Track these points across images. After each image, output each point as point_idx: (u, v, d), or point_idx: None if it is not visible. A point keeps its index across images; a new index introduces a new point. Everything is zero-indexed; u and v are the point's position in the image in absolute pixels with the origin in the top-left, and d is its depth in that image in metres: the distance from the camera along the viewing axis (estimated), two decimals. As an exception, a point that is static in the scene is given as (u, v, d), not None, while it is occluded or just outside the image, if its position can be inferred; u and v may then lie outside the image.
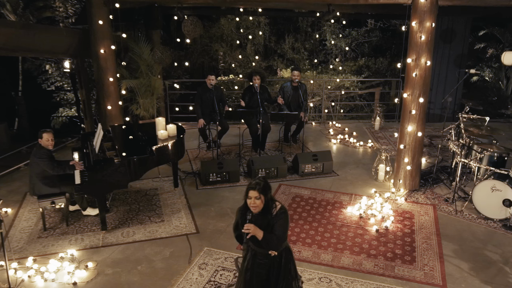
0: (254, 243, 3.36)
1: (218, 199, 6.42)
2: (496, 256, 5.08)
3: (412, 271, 4.78)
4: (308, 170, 7.18)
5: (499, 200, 5.65)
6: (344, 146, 8.54)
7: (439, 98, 9.76)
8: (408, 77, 6.11)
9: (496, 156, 6.09)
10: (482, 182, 5.79)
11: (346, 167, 7.53)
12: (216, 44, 12.18)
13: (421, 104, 6.08)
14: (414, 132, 6.21)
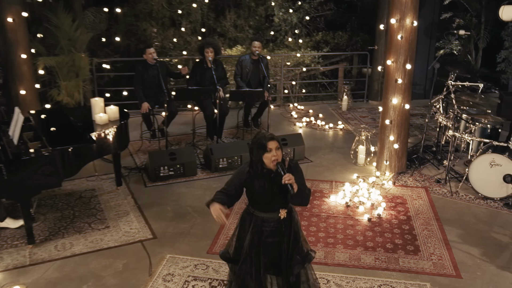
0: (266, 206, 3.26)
1: (174, 196, 5.90)
2: (505, 238, 5.02)
3: (419, 262, 4.58)
4: (277, 157, 6.81)
5: (499, 176, 5.63)
6: (311, 129, 8.31)
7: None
8: (391, 40, 5.95)
9: (489, 128, 6.09)
10: (479, 158, 5.75)
11: (318, 152, 7.29)
12: (144, 23, 11.34)
13: (408, 71, 5.93)
14: (400, 104, 6.06)
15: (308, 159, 7.04)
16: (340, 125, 8.40)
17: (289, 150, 6.87)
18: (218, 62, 7.30)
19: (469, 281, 4.31)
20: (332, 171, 6.63)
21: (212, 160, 6.49)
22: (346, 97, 9.32)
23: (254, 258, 3.31)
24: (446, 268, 4.49)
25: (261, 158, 3.14)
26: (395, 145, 6.15)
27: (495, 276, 4.39)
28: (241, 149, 6.66)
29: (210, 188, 6.10)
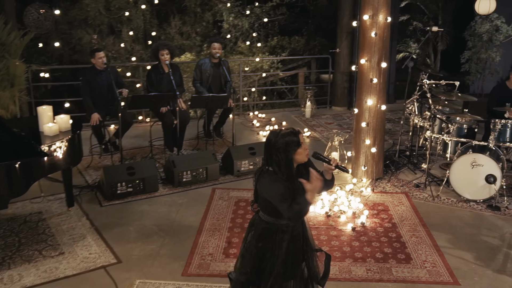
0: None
1: (135, 215, 5.58)
2: (495, 240, 5.08)
3: (413, 271, 4.52)
4: (245, 167, 6.65)
5: (481, 177, 5.72)
6: (276, 138, 8.17)
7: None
8: (364, 38, 5.96)
9: (466, 127, 6.21)
10: (460, 159, 5.82)
11: (288, 161, 7.15)
12: (80, 31, 10.83)
13: (383, 70, 5.95)
14: (375, 106, 6.06)
15: (278, 168, 6.88)
16: (306, 133, 8.34)
17: (258, 159, 6.70)
18: (175, 66, 7.06)
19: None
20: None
21: (175, 174, 6.21)
22: (309, 103, 9.31)
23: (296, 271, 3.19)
24: (442, 275, 4.46)
25: (293, 156, 3.00)
26: (373, 149, 6.14)
27: (493, 280, 4.39)
28: (206, 160, 6.43)
29: (175, 204, 5.82)
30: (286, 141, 2.98)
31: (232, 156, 6.56)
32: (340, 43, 9.52)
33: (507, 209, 5.70)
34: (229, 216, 5.54)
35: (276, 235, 3.17)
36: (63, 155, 5.02)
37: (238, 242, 4.97)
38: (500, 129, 5.82)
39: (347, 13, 9.36)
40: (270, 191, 3.05)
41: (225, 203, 5.85)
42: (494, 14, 8.63)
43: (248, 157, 6.66)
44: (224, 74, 7.29)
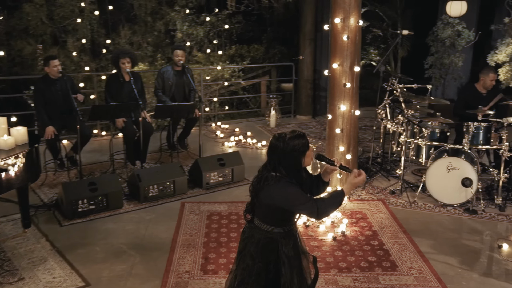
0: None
1: (100, 234, 5.34)
2: (477, 244, 5.17)
3: (401, 278, 4.52)
4: (214, 180, 6.52)
5: (458, 180, 5.84)
6: (243, 148, 8.13)
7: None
8: (336, 42, 6.00)
9: (438, 131, 6.34)
10: (435, 163, 5.93)
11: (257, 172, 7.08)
12: (20, 42, 10.39)
13: (356, 74, 6.01)
14: (349, 111, 6.09)
15: (249, 179, 6.81)
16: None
17: (227, 171, 6.60)
18: (136, 74, 6.88)
19: (457, 293, 4.32)
20: (279, 190, 6.45)
21: (141, 188, 6.01)
22: (274, 112, 9.31)
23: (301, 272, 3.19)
24: (430, 282, 4.48)
25: (303, 159, 3.00)
26: (348, 155, 6.15)
27: (481, 284, 4.45)
28: (173, 173, 6.26)
29: (143, 220, 5.62)
30: (296, 144, 2.96)
31: (201, 168, 6.42)
32: (303, 50, 9.59)
33: (484, 212, 5.84)
34: (202, 231, 5.39)
35: (279, 244, 3.12)
36: (20, 171, 4.74)
37: (216, 257, 4.84)
38: (474, 132, 5.97)
39: (309, 20, 9.46)
40: (285, 196, 2.97)
41: (197, 218, 5.70)
42: (456, 20, 8.94)
43: (217, 169, 6.54)
44: (188, 82, 7.17)
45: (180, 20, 12.32)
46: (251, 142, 8.38)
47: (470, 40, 9.05)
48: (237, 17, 13.34)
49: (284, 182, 2.98)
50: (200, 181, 6.45)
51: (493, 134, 6.09)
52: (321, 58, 9.88)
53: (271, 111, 9.33)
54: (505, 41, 9.15)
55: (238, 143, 8.38)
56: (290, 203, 2.99)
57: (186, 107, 6.76)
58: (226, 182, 6.61)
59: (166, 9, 12.09)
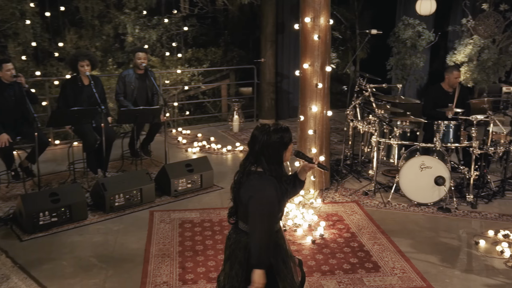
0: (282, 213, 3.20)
1: (66, 248, 5.17)
2: (455, 241, 5.34)
3: (385, 279, 4.60)
4: (182, 186, 6.45)
5: (431, 179, 6.02)
6: (208, 154, 8.06)
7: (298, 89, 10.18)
8: (306, 42, 6.08)
9: (408, 131, 6.51)
10: (408, 162, 6.09)
11: (226, 177, 7.08)
12: None
13: (327, 74, 6.10)
14: (321, 112, 6.18)
15: (218, 185, 6.78)
16: (239, 147, 8.30)
17: (196, 177, 6.54)
18: (96, 78, 6.72)
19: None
20: (250, 195, 6.46)
21: (106, 198, 5.85)
22: (237, 116, 9.30)
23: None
24: (414, 281, 4.58)
25: (284, 153, 3.00)
26: (321, 157, 6.22)
27: (464, 280, 4.59)
28: (140, 180, 6.14)
29: (111, 232, 5.48)
30: (280, 137, 2.95)
31: (169, 174, 6.33)
32: (264, 52, 9.65)
33: (457, 210, 6.04)
34: (176, 240, 5.31)
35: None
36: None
37: (194, 266, 4.79)
38: (444, 131, 6.17)
39: (270, 22, 9.53)
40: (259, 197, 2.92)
41: (169, 226, 5.61)
42: (416, 20, 9.25)
43: (186, 175, 6.47)
44: (151, 86, 7.07)
45: (130, 23, 12.12)
46: (216, 148, 8.34)
47: (430, 40, 9.36)
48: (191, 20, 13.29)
49: (266, 180, 2.95)
50: (168, 188, 6.36)
51: (462, 132, 6.31)
52: (283, 60, 9.97)
53: (234, 115, 9.32)
54: (463, 42, 9.54)
55: (202, 149, 8.32)
56: (255, 205, 2.92)
57: (151, 112, 6.66)
58: (195, 189, 6.54)
59: (115, 12, 11.88)
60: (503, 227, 5.55)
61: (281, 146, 2.96)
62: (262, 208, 2.92)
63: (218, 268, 4.74)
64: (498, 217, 5.91)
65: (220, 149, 8.31)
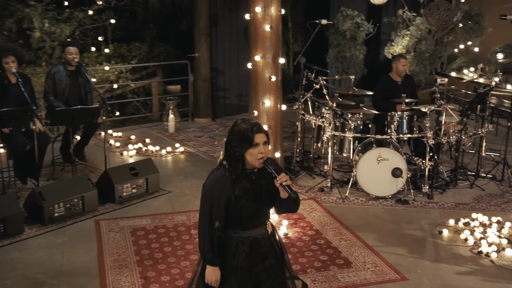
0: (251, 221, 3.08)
1: (5, 266, 4.97)
2: (418, 232, 5.64)
3: (359, 274, 4.79)
4: (127, 192, 6.33)
5: (388, 171, 6.31)
6: (145, 157, 7.93)
7: (234, 85, 10.29)
8: (257, 33, 6.17)
9: (361, 124, 6.79)
10: (365, 155, 6.35)
11: (172, 180, 7.03)
12: None
13: (280, 67, 6.23)
14: (275, 106, 6.29)
15: (165, 189, 6.71)
16: (179, 148, 8.25)
17: (141, 181, 6.43)
18: (25, 76, 6.44)
19: (416, 281, 4.70)
20: (202, 198, 6.46)
21: (45, 209, 5.63)
22: (172, 116, 9.21)
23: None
24: (388, 274, 4.80)
25: (243, 154, 2.95)
26: (277, 153, 6.34)
27: (436, 270, 4.88)
28: (81, 187, 5.97)
29: (54, 245, 5.30)
30: (240, 134, 2.95)
31: (112, 179, 6.19)
32: (199, 46, 9.63)
33: (415, 201, 6.37)
34: (131, 249, 5.22)
35: (230, 251, 3.09)
36: None
37: (156, 275, 4.74)
38: (398, 121, 6.49)
39: (204, 13, 9.53)
40: (206, 183, 3.04)
41: (119, 235, 5.50)
42: (355, 11, 9.62)
43: (130, 179, 6.36)
44: (84, 83, 6.88)
45: (37, 17, 11.66)
46: (154, 150, 8.23)
47: (369, 32, 9.77)
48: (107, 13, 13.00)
49: (219, 173, 3.02)
50: (111, 194, 6.21)
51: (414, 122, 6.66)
52: (218, 55, 10.01)
53: (169, 114, 9.23)
54: (400, 33, 10.04)
55: (139, 152, 8.18)
56: (202, 195, 3.04)
57: (89, 112, 6.47)
58: (141, 194, 6.44)
59: (16, 4, 11.39)
60: (462, 215, 5.93)
61: (243, 142, 2.93)
62: (203, 200, 3.03)
63: (184, 276, 4.74)
64: (455, 206, 6.29)
65: (158, 151, 8.21)
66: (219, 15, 9.84)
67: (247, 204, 3.00)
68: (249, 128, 2.95)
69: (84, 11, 12.42)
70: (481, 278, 4.77)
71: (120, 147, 8.42)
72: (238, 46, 10.25)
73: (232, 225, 3.06)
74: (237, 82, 10.37)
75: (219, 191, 2.97)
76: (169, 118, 9.26)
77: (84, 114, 6.47)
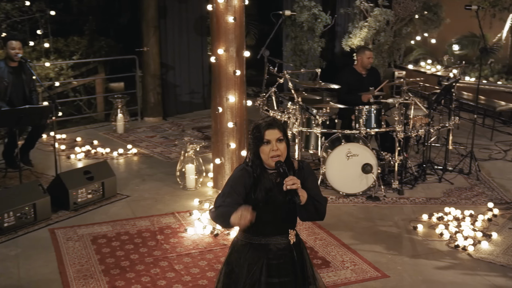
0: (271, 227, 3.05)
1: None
2: (393, 229, 5.87)
3: (339, 273, 4.95)
4: (82, 198, 6.27)
5: (358, 167, 6.51)
6: (95, 160, 7.87)
7: (186, 81, 10.31)
8: (219, 25, 6.23)
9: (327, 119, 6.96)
10: (334, 151, 6.52)
11: (128, 184, 7.01)
12: None
13: (244, 60, 6.32)
14: (239, 102, 6.38)
15: (122, 194, 6.68)
16: (132, 150, 8.21)
17: (97, 185, 6.38)
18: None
19: (398, 277, 4.90)
20: (164, 202, 6.49)
21: (-7, 219, 5.50)
22: (121, 115, 9.14)
23: None
24: (368, 272, 4.98)
25: (257, 151, 3.01)
26: (243, 152, 6.42)
27: (415, 265, 5.10)
28: (32, 194, 5.87)
29: (8, 258, 5.21)
30: (254, 130, 3.03)
31: (66, 184, 6.10)
32: (147, 40, 9.59)
33: (386, 197, 6.60)
34: (94, 258, 5.18)
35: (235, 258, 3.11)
36: None
37: (126, 285, 4.75)
38: (367, 116, 6.70)
39: (152, 4, 9.49)
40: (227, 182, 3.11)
41: (79, 244, 5.45)
42: (312, 2, 9.83)
43: (85, 184, 6.29)
44: (29, 80, 6.75)
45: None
46: (104, 152, 8.16)
47: (327, 23, 10.00)
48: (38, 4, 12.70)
49: (242, 166, 3.09)
50: (65, 201, 6.13)
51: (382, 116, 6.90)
52: (167, 49, 9.99)
53: (117, 114, 9.14)
54: (358, 25, 10.32)
55: (88, 155, 8.08)
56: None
57: (39, 111, 6.35)
58: (97, 199, 6.38)
59: None
60: (434, 210, 6.19)
61: (255, 139, 3.00)
62: (229, 180, 3.09)
63: (156, 283, 4.77)
64: (426, 201, 6.57)
65: (109, 153, 8.14)
66: (167, 6, 9.83)
67: (268, 207, 2.98)
68: (261, 124, 2.99)
69: (12, 2, 12.11)
70: (461, 272, 5.02)
71: (66, 150, 8.30)
72: (189, 40, 10.29)
73: (252, 229, 3.02)
74: (189, 78, 10.39)
75: (240, 179, 2.98)
76: (117, 118, 9.18)
77: (33, 115, 6.34)
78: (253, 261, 3.04)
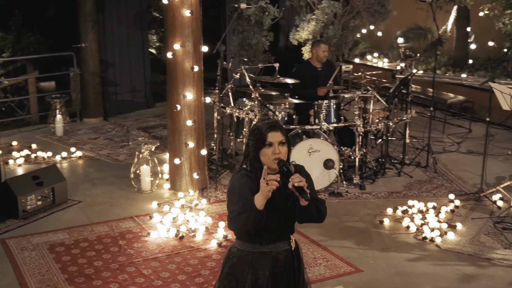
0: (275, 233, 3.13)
1: None
2: (360, 224, 6.19)
3: (312, 270, 5.20)
4: (32, 205, 6.28)
5: (320, 163, 6.79)
6: (36, 165, 7.82)
7: (127, 79, 10.32)
8: (174, 19, 6.35)
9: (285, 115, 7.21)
10: (296, 147, 6.76)
11: (77, 189, 7.03)
12: None
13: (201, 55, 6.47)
14: (197, 99, 6.52)
15: (74, 199, 6.70)
16: (76, 153, 8.19)
17: (47, 191, 6.38)
18: None
19: (371, 271, 5.21)
20: (120, 206, 6.56)
21: None
22: (60, 116, 9.07)
23: None
24: (341, 267, 5.26)
25: (257, 154, 3.06)
26: (203, 151, 6.57)
27: (386, 259, 5.42)
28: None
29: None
30: (255, 132, 3.07)
31: (14, 191, 6.08)
32: (85, 36, 9.54)
33: (348, 193, 6.91)
34: (54, 267, 5.23)
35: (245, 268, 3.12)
36: None
37: (95, 292, 4.81)
38: (326, 110, 6.98)
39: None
40: (230, 188, 3.12)
41: (36, 254, 5.47)
42: (259, -6, 10.06)
43: (35, 190, 6.29)
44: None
45: None
46: (46, 156, 8.10)
47: (275, 17, 10.24)
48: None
49: (242, 173, 3.11)
50: (14, 209, 6.11)
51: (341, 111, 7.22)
52: (107, 45, 9.98)
53: (56, 115, 9.07)
54: (305, 18, 10.61)
55: (28, 159, 8.01)
56: (227, 198, 3.12)
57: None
58: (47, 206, 6.38)
59: None
60: (397, 203, 6.55)
61: (256, 141, 3.03)
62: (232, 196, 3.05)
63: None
64: (388, 195, 6.93)
65: (51, 157, 8.09)
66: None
67: (272, 212, 2.99)
68: (263, 126, 3.03)
69: None
70: (431, 262, 5.38)
71: (3, 155, 8.15)
72: (129, 35, 10.31)
73: (255, 237, 3.08)
74: (130, 76, 10.42)
75: (245, 186, 3.01)
76: (56, 120, 9.11)
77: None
78: (258, 272, 3.11)
